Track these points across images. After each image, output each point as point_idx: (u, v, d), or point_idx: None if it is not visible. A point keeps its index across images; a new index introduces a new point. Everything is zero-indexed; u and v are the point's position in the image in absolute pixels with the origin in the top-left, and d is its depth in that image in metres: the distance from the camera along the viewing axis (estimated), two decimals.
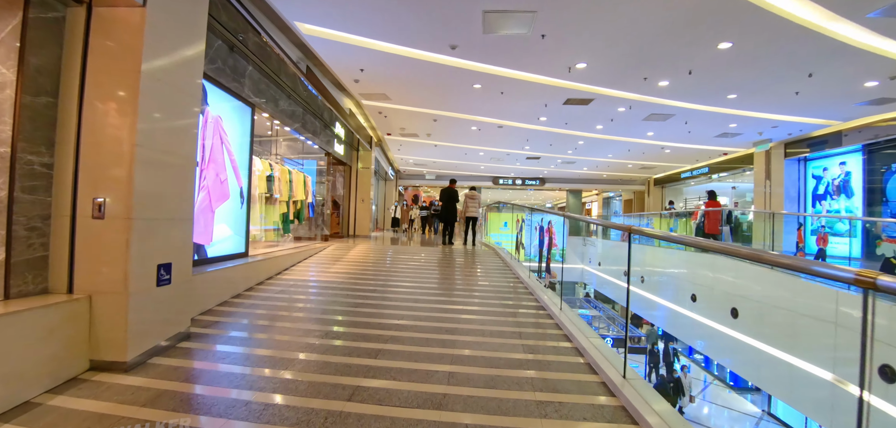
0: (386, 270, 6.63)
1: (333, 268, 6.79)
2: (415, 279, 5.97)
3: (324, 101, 9.17)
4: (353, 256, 7.99)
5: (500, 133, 12.15)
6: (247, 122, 5.64)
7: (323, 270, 6.62)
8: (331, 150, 10.66)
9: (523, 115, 9.87)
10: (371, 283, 5.67)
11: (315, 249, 8.37)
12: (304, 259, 7.39)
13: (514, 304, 4.74)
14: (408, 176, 24.17)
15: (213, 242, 4.87)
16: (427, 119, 10.77)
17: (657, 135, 11.60)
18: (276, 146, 12.59)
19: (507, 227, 15.57)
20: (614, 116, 9.74)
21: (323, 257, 7.82)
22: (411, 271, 6.58)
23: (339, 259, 7.67)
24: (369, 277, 6.01)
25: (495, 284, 5.90)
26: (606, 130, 11.23)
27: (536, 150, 14.78)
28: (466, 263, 7.63)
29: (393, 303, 4.59)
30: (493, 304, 4.69)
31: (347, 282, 5.70)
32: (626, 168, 19.31)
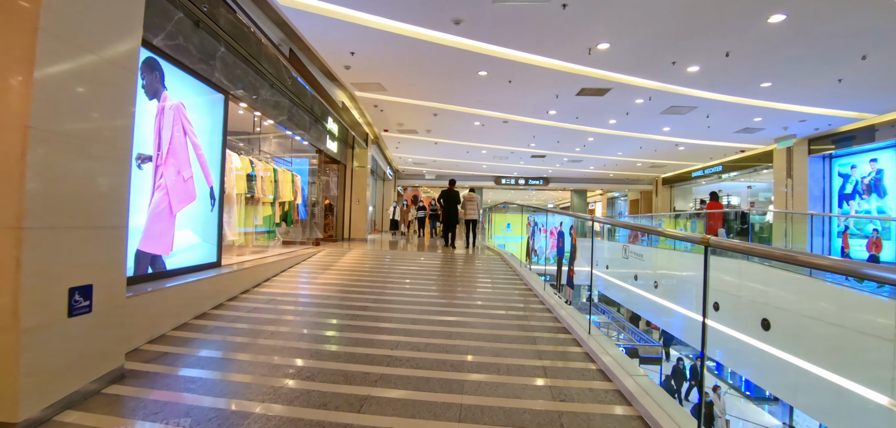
0: (380, 280, 5.91)
1: (321, 278, 6.07)
2: (412, 292, 5.26)
3: (314, 93, 8.45)
4: (346, 264, 7.27)
5: (504, 129, 11.44)
6: (218, 111, 4.92)
7: (309, 280, 5.90)
8: (322, 147, 9.95)
9: (532, 107, 9.16)
10: (362, 296, 4.95)
11: (303, 255, 7.65)
12: (291, 267, 6.67)
13: (532, 326, 4.03)
14: (407, 176, 23.47)
15: (173, 252, 4.15)
16: (426, 113, 10.06)
17: (673, 130, 10.90)
18: (266, 144, 11.89)
19: (510, 228, 14.84)
20: (631, 109, 9.02)
21: (311, 264, 7.10)
22: (409, 282, 5.87)
23: (330, 267, 6.95)
24: (361, 290, 5.30)
25: (505, 296, 5.19)
26: (620, 125, 10.52)
27: (542, 147, 14.07)
28: (470, 272, 6.92)
29: (386, 324, 3.87)
30: (506, 325, 3.98)
31: (335, 295, 4.99)
32: (634, 167, 18.61)
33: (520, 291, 5.45)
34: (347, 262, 7.47)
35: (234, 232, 6.04)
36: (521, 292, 5.39)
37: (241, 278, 5.11)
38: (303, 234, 11.78)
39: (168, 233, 4.07)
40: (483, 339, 3.55)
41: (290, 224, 8.72)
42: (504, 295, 5.29)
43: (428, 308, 4.45)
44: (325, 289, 5.33)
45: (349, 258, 7.88)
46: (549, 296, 4.83)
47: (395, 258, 8.20)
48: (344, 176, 12.53)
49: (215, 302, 4.40)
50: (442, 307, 4.53)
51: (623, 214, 32.70)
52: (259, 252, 6.96)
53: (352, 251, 8.82)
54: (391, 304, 4.60)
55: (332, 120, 10.31)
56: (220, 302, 4.47)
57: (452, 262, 7.89)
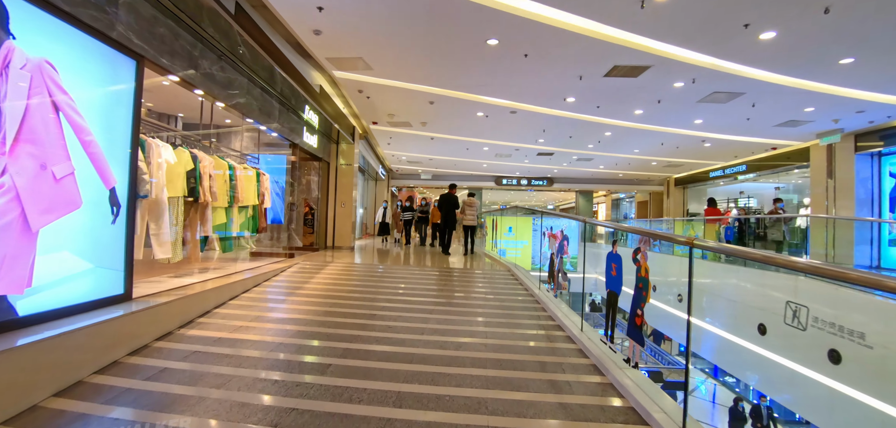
0: (362, 308, 4.54)
1: (285, 305, 4.69)
2: (406, 324, 3.90)
3: (283, 73, 7.07)
4: (321, 282, 5.89)
5: (511, 121, 10.09)
6: (126, 81, 3.53)
7: (268, 309, 4.52)
8: (298, 140, 8.56)
9: (548, 92, 7.82)
10: (335, 337, 3.58)
11: (269, 271, 6.25)
12: (247, 290, 5.27)
13: (576, 398, 2.67)
14: (401, 176, 22.10)
15: (34, 289, 2.76)
16: (421, 101, 8.69)
17: (706, 123, 9.61)
18: (237, 140, 10.51)
19: (512, 232, 13.50)
20: (665, 96, 7.71)
21: (278, 284, 5.71)
22: (400, 307, 4.50)
23: (300, 287, 5.57)
24: (333, 325, 3.93)
25: (529, 342, 3.84)
26: (646, 116, 9.21)
27: (552, 143, 12.74)
28: (475, 294, 5.55)
29: (367, 389, 2.51)
30: (539, 395, 2.63)
31: (296, 335, 3.61)
32: (648, 166, 17.35)
33: (544, 326, 4.10)
34: (322, 281, 6.08)
35: (164, 247, 4.64)
36: (547, 328, 4.04)
37: (166, 315, 3.72)
38: (275, 242, 10.37)
39: (23, 259, 2.68)
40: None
41: (255, 232, 7.32)
42: (526, 340, 3.93)
43: (424, 352, 3.10)
44: (287, 324, 3.95)
45: (326, 275, 6.49)
46: (591, 343, 3.47)
47: (383, 276, 6.81)
48: (327, 175, 11.14)
49: (113, 356, 3.01)
50: (444, 353, 3.17)
51: (628, 217, 31.52)
52: (210, 271, 5.56)
53: (332, 265, 7.42)
54: (373, 351, 3.24)
55: (310, 110, 8.92)
56: (119, 357, 3.08)
57: (452, 277, 6.52)
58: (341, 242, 11.05)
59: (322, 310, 4.55)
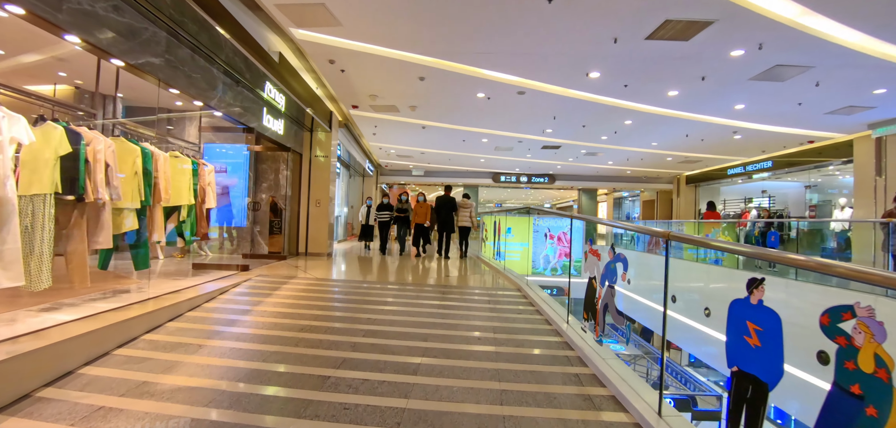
0: (313, 362, 2.99)
1: (197, 359, 3.11)
2: (376, 400, 2.38)
3: (226, 33, 5.49)
4: (269, 311, 4.32)
5: (517, 106, 8.59)
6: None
7: (167, 368, 2.95)
8: (255, 125, 6.98)
9: (568, 62, 6.31)
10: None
11: (201, 295, 4.66)
12: (154, 328, 3.69)
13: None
14: (391, 172, 20.54)
15: None
16: (409, 77, 7.15)
17: (748, 108, 8.19)
18: (191, 127, 8.92)
19: (512, 233, 12.04)
20: (714, 69, 6.26)
21: (207, 315, 4.13)
22: (372, 361, 2.97)
23: (236, 321, 3.99)
24: (256, 406, 2.39)
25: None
26: (680, 99, 7.76)
27: (561, 134, 11.26)
28: (478, 332, 4.02)
29: None
30: None
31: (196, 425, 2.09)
32: (662, 162, 15.96)
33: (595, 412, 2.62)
34: (271, 309, 4.52)
35: (10, 269, 3.06)
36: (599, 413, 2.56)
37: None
38: (239, 249, 8.78)
39: None
40: None
41: (190, 240, 5.73)
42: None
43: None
44: (174, 407, 2.40)
45: (280, 299, 4.93)
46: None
47: (355, 300, 5.27)
48: (299, 169, 9.56)
49: None
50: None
51: (632, 218, 30.23)
52: (100, 301, 3.98)
53: (293, 281, 5.87)
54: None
55: (273, 88, 7.34)
56: None
57: (446, 306, 4.99)
58: (316, 247, 9.48)
59: (247, 371, 3.00)
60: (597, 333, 3.34)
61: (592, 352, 3.19)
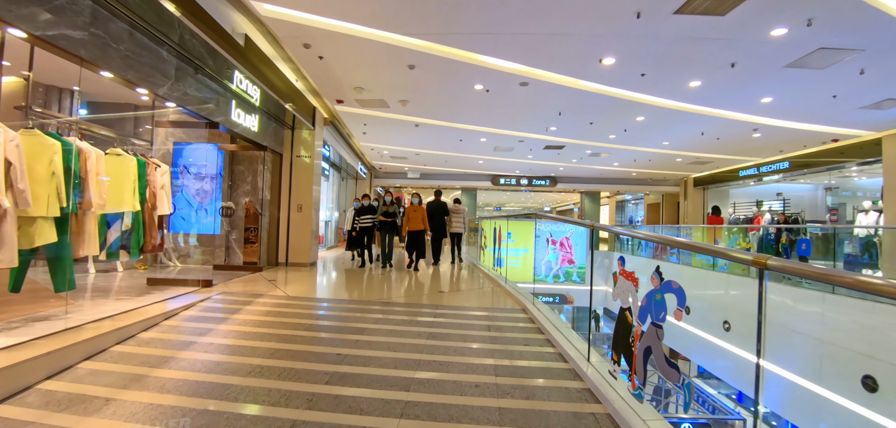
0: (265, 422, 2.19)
1: (92, 424, 2.29)
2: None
3: (177, 11, 4.68)
4: (217, 347, 3.48)
5: (519, 99, 7.80)
6: None
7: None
8: (226, 121, 6.17)
9: (580, 46, 5.52)
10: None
11: (139, 322, 3.79)
12: (54, 374, 2.84)
13: None
14: (385, 174, 19.72)
15: None
16: (397, 65, 6.34)
17: (778, 101, 7.41)
18: (160, 128, 8.17)
19: (512, 239, 11.24)
20: (748, 53, 5.48)
21: (135, 351, 3.27)
22: (340, 420, 2.16)
23: (167, 364, 3.14)
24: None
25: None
26: (703, 91, 6.97)
27: (566, 132, 10.47)
28: (477, 374, 3.20)
29: None
30: None
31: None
32: (671, 163, 15.18)
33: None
34: (222, 342, 3.68)
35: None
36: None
37: None
38: (210, 260, 7.93)
39: None
40: None
41: (136, 252, 4.89)
42: None
43: None
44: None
45: (239, 324, 4.09)
46: None
47: (328, 329, 4.45)
48: (278, 170, 8.73)
49: None
50: None
51: (636, 222, 29.44)
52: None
53: (263, 300, 5.04)
54: None
55: (244, 79, 6.53)
56: None
57: (438, 332, 4.17)
58: (297, 256, 8.64)
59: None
60: (633, 384, 2.51)
61: (631, 412, 2.37)
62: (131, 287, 5.46)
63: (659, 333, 2.29)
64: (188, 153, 8.26)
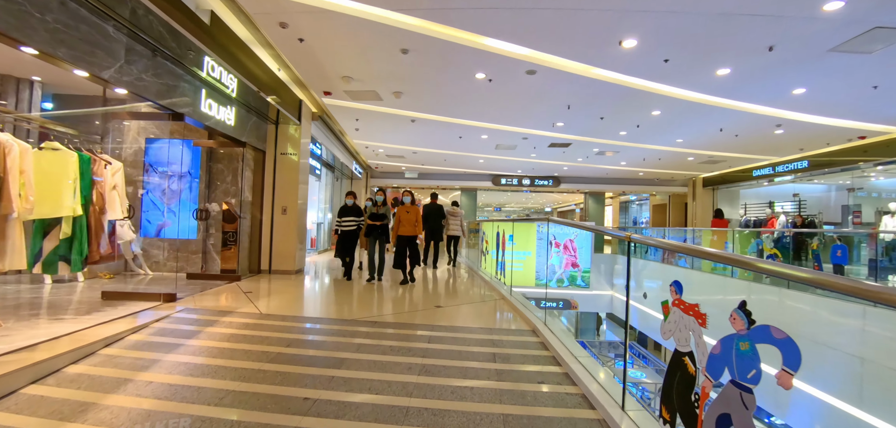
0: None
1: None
2: None
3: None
4: (157, 390, 2.77)
5: (525, 90, 7.11)
6: None
7: None
8: (193, 113, 5.47)
9: (597, 25, 4.83)
10: None
11: (70, 352, 3.08)
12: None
13: None
14: (382, 174, 19.02)
15: None
16: (388, 48, 5.64)
17: (811, 92, 6.73)
18: (134, 123, 7.49)
19: (514, 241, 10.58)
20: (786, 37, 4.83)
21: (53, 394, 2.57)
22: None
23: (87, 412, 2.44)
24: None
25: None
26: (730, 81, 6.29)
27: (573, 128, 9.78)
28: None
29: None
30: None
31: None
32: (683, 162, 14.49)
33: None
34: (158, 394, 2.98)
35: None
36: None
37: None
38: (185, 267, 7.21)
39: None
40: None
41: (78, 265, 4.19)
42: None
43: None
44: None
45: (184, 365, 3.40)
46: None
47: (309, 359, 3.77)
48: (261, 169, 8.04)
49: None
50: None
51: (640, 223, 28.76)
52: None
53: (222, 323, 4.34)
54: None
55: (217, 66, 5.83)
56: None
57: (431, 363, 3.48)
58: (282, 263, 7.94)
59: None
60: None
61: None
62: (82, 303, 4.76)
63: (746, 399, 1.59)
64: (160, 150, 7.58)
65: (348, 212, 7.33)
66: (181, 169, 7.54)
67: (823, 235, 8.28)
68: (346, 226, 7.27)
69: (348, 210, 7.34)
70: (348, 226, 7.28)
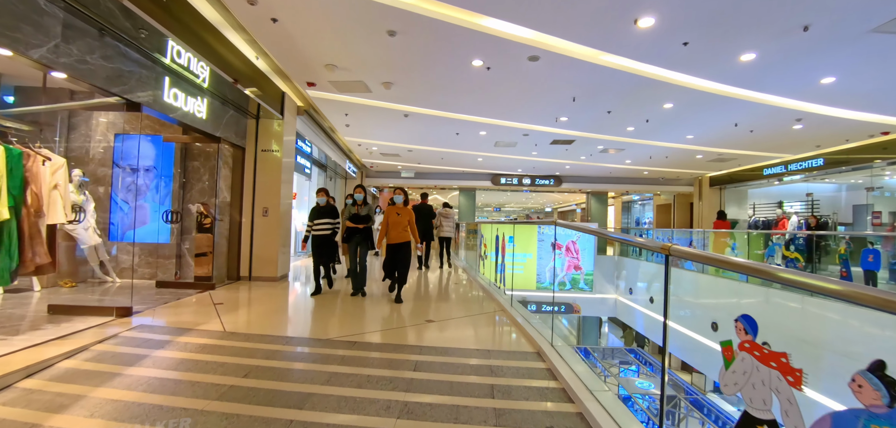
0: None
1: None
2: None
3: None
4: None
5: (527, 80, 6.53)
6: None
7: None
8: (154, 103, 4.88)
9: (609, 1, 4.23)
10: None
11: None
12: None
13: None
14: (377, 174, 18.45)
15: None
16: (374, 27, 5.06)
17: (842, 81, 6.16)
18: (104, 117, 6.97)
19: (514, 243, 10.02)
20: (824, 13, 4.25)
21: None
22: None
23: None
24: None
25: None
26: (752, 69, 5.70)
27: (578, 123, 9.20)
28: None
29: None
30: None
31: None
32: (691, 160, 13.91)
33: None
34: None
35: None
36: None
37: None
38: (155, 274, 6.61)
39: None
40: None
41: (6, 277, 3.59)
42: None
43: None
44: None
45: (112, 404, 2.83)
46: None
47: (269, 393, 3.19)
48: (241, 167, 7.45)
49: None
50: None
51: (643, 224, 28.19)
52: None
53: (178, 343, 3.77)
54: None
55: (185, 52, 5.24)
56: None
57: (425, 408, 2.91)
58: (263, 269, 7.35)
59: None
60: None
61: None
62: (22, 319, 4.18)
63: None
64: (131, 147, 7.01)
65: (321, 213, 6.16)
66: (157, 167, 6.97)
67: (850, 239, 7.69)
68: (320, 229, 6.11)
69: (321, 211, 6.17)
70: (321, 229, 6.12)
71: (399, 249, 5.74)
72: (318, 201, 6.26)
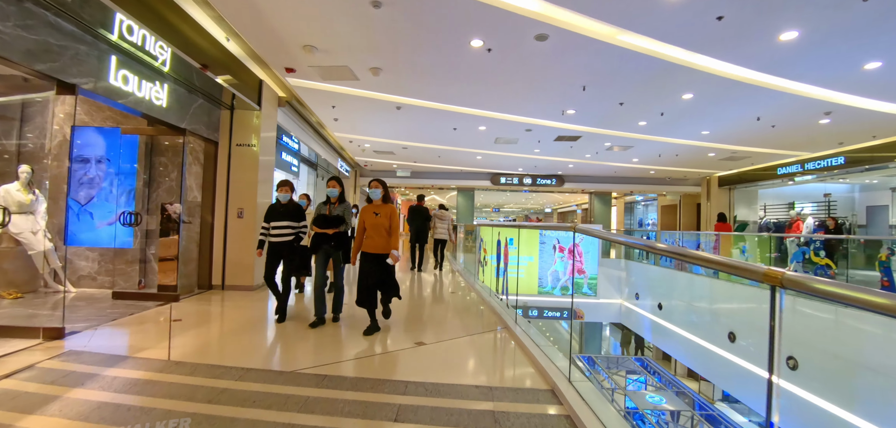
0: None
1: None
2: None
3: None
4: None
5: (533, 64, 5.82)
6: None
7: None
8: (99, 87, 4.17)
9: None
10: None
11: None
12: None
13: None
14: (372, 172, 17.75)
15: None
16: (359, 4, 4.33)
17: (887, 67, 5.45)
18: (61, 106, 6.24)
19: (513, 244, 9.37)
20: None
21: None
22: None
23: None
24: None
25: None
26: (791, 52, 5.01)
27: (585, 117, 8.51)
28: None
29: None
30: None
31: None
32: (703, 158, 13.23)
33: None
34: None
35: None
36: None
37: None
38: (116, 281, 5.90)
39: None
40: None
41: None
42: None
43: None
44: None
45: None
46: None
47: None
48: (213, 164, 6.72)
49: None
50: None
51: (647, 225, 27.52)
52: None
53: (105, 377, 3.05)
54: None
55: (138, 28, 4.51)
56: None
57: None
58: (238, 276, 6.63)
59: None
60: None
61: None
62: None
63: None
64: (91, 141, 6.27)
65: (280, 213, 4.67)
66: (114, 161, 6.23)
67: (894, 245, 7.00)
68: (278, 235, 4.65)
69: (281, 211, 4.68)
70: (280, 235, 4.65)
71: (378, 262, 4.28)
72: (279, 198, 4.72)
